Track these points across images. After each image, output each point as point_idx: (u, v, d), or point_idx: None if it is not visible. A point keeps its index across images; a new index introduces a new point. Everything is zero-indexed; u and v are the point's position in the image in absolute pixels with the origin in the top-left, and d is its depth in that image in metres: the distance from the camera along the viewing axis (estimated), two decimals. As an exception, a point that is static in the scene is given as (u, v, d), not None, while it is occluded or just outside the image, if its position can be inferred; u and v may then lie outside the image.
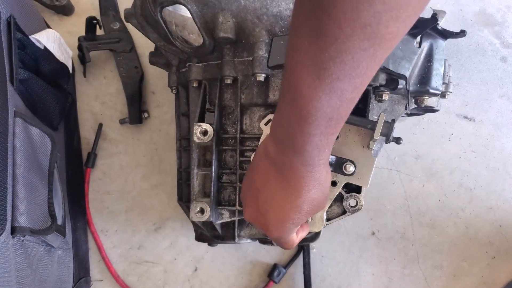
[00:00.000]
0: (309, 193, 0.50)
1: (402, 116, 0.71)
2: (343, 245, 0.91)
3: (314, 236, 0.74)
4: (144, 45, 0.94)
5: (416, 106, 0.70)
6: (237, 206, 0.69)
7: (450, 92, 0.75)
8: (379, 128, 0.62)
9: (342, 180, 0.66)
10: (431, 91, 0.68)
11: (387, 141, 0.63)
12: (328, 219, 0.69)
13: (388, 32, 0.37)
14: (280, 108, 0.46)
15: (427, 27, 0.64)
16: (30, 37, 0.68)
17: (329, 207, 0.68)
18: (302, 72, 0.40)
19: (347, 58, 0.38)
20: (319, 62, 0.39)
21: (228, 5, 0.64)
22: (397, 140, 0.63)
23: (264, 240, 0.75)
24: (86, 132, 0.94)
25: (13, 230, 0.56)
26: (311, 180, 0.49)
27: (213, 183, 0.68)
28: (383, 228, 0.92)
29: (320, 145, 0.45)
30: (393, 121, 0.63)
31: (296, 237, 0.57)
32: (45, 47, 0.72)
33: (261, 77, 0.64)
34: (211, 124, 0.67)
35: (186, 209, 0.76)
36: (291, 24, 0.41)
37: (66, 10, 0.94)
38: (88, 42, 0.89)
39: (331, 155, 0.64)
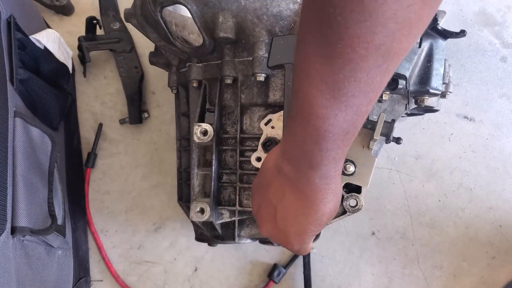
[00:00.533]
0: (327, 205, 0.50)
1: (402, 116, 0.71)
2: (343, 245, 0.91)
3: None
4: (144, 45, 0.94)
5: (416, 106, 0.70)
6: (237, 206, 0.69)
7: (450, 92, 0.75)
8: (379, 128, 0.62)
9: (342, 180, 0.66)
10: (431, 91, 0.68)
11: (387, 141, 0.63)
12: (328, 219, 0.69)
13: (401, 48, 0.37)
14: (292, 128, 0.45)
15: (427, 27, 0.64)
16: (30, 37, 0.68)
17: (329, 207, 0.68)
18: (316, 94, 0.40)
19: (362, 76, 0.38)
20: (333, 83, 0.38)
21: (228, 5, 0.64)
22: (397, 140, 0.63)
23: (264, 240, 0.75)
24: (86, 132, 0.94)
25: (13, 230, 0.56)
26: (328, 193, 0.49)
27: (213, 183, 0.68)
28: (383, 228, 0.92)
29: (336, 158, 0.45)
30: (393, 121, 0.63)
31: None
32: (45, 47, 0.72)
33: (261, 77, 0.64)
34: (211, 124, 0.67)
35: (186, 209, 0.76)
36: (298, 45, 0.40)
37: (66, 10, 0.94)
38: (88, 42, 0.89)
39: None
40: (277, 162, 0.51)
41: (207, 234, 0.74)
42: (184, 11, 0.67)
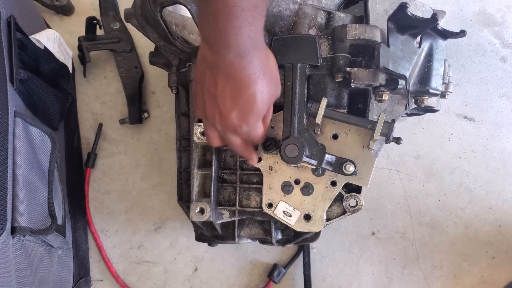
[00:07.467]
0: (258, 81, 0.52)
1: (402, 116, 0.71)
2: (343, 245, 0.91)
3: (314, 236, 0.74)
4: (144, 45, 0.94)
5: (416, 106, 0.70)
6: (237, 206, 0.69)
7: (450, 92, 0.75)
8: (379, 128, 0.62)
9: (342, 180, 0.66)
10: (431, 91, 0.68)
11: (387, 141, 0.63)
12: (328, 219, 0.69)
13: None
14: (204, 10, 0.47)
15: (427, 27, 0.64)
16: (30, 37, 0.68)
17: (329, 207, 0.68)
18: None
19: None
20: None
21: (228, 5, 0.63)
22: (397, 140, 0.63)
23: (264, 240, 0.75)
24: (86, 132, 0.94)
25: (13, 230, 0.56)
26: (254, 69, 0.50)
27: (213, 183, 0.68)
28: (383, 228, 0.92)
29: (251, 35, 0.47)
30: (393, 121, 0.63)
31: (263, 127, 0.58)
32: (45, 47, 0.72)
33: (261, 77, 0.64)
34: (211, 124, 0.67)
35: (186, 209, 0.76)
36: None
37: (66, 10, 0.94)
38: (88, 42, 0.89)
39: (331, 155, 0.64)
40: (202, 51, 0.52)
41: (207, 234, 0.74)
42: (184, 11, 0.67)
